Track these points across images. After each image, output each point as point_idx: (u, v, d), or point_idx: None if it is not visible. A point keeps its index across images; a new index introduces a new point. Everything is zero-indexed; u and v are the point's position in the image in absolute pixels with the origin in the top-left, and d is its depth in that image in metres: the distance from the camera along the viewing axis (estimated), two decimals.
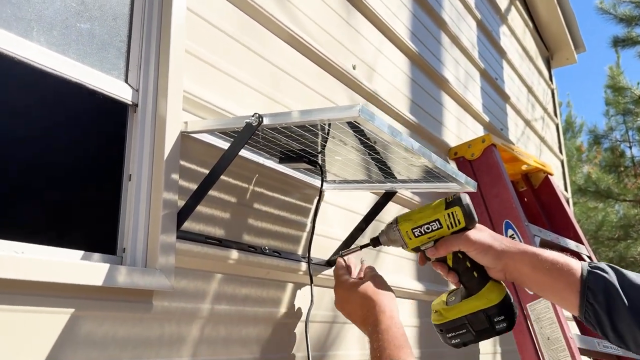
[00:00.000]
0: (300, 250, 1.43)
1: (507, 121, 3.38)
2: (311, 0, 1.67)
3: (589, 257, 2.59)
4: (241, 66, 1.33)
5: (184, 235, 1.09)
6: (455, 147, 2.43)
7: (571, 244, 2.54)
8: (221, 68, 1.27)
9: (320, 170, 1.29)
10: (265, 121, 1.00)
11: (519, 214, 2.16)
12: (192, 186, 1.13)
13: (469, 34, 3.02)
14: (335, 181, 1.46)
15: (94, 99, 1.07)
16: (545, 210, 2.76)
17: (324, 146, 1.16)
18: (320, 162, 1.27)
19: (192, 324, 1.10)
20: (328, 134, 1.08)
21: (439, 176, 1.26)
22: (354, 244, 1.46)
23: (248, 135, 1.02)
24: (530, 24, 4.35)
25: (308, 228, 1.46)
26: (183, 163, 1.13)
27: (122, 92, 1.08)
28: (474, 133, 2.77)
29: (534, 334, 1.96)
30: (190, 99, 1.16)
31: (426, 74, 2.39)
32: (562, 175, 4.49)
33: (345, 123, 0.98)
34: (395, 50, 2.16)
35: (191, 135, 1.14)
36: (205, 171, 1.15)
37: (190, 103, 1.17)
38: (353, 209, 1.65)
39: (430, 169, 1.20)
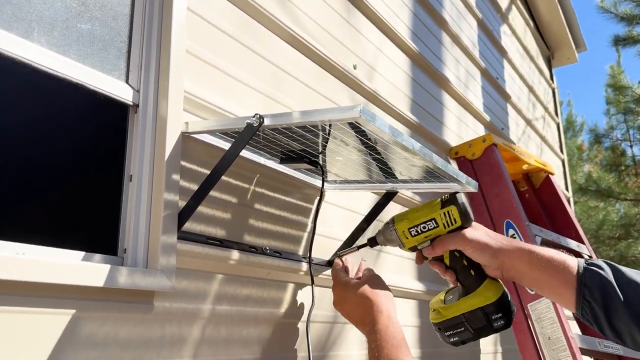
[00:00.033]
0: (301, 251, 1.43)
1: (508, 120, 3.38)
2: (312, 0, 1.66)
3: (590, 257, 2.59)
4: (242, 66, 1.33)
5: (185, 236, 1.09)
6: (456, 147, 2.43)
7: (572, 244, 2.53)
8: (222, 68, 1.27)
9: (321, 171, 1.29)
10: (266, 122, 1.00)
11: (520, 214, 2.16)
12: (193, 187, 1.13)
13: (470, 33, 3.01)
14: (336, 181, 1.46)
15: (95, 100, 1.06)
16: (546, 209, 2.76)
17: (325, 146, 1.16)
18: (321, 163, 1.27)
19: (193, 324, 1.10)
20: (329, 135, 1.08)
21: (440, 176, 1.26)
22: (354, 244, 1.46)
23: (249, 136, 1.02)
24: (531, 23, 4.34)
25: (309, 228, 1.46)
26: (184, 163, 1.13)
27: (123, 93, 1.08)
28: (475, 132, 2.77)
29: (535, 333, 1.95)
30: (191, 100, 1.16)
31: (427, 73, 2.39)
32: (563, 175, 4.49)
33: (346, 123, 0.98)
34: (396, 50, 2.16)
35: (192, 135, 1.14)
36: (206, 172, 1.15)
37: (191, 103, 1.16)
38: (354, 209, 1.65)
39: (432, 169, 1.20)
